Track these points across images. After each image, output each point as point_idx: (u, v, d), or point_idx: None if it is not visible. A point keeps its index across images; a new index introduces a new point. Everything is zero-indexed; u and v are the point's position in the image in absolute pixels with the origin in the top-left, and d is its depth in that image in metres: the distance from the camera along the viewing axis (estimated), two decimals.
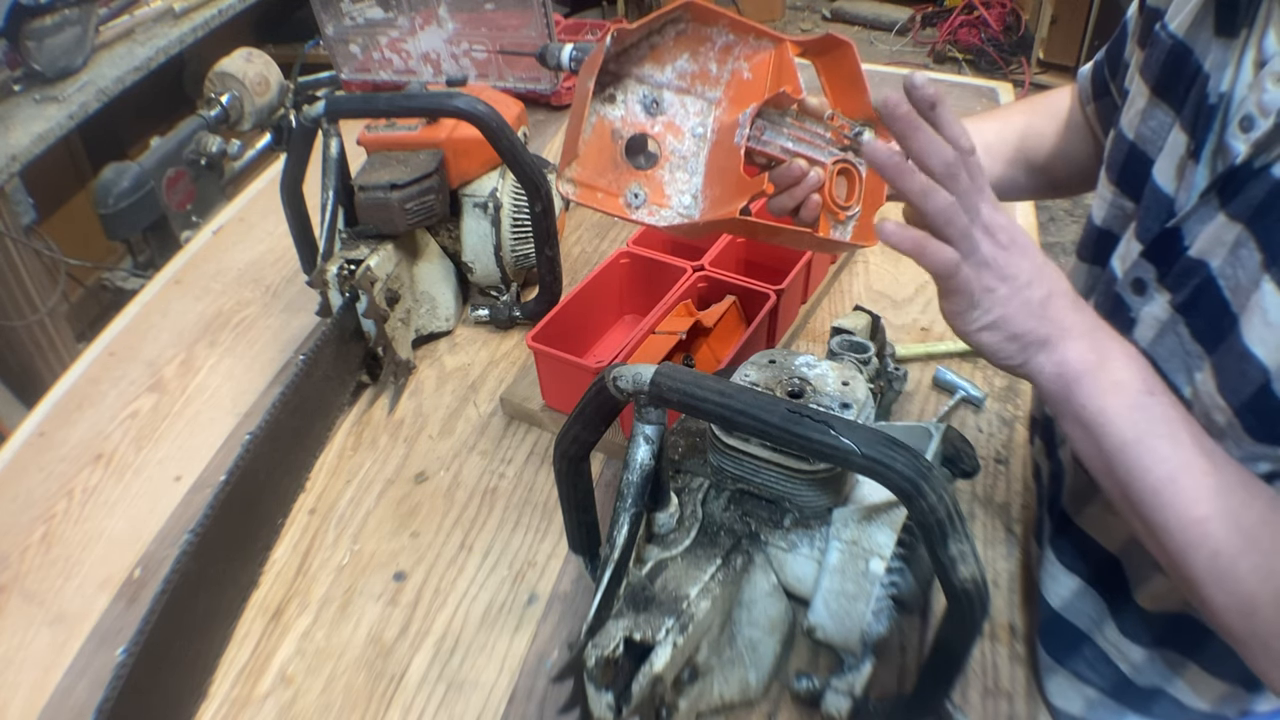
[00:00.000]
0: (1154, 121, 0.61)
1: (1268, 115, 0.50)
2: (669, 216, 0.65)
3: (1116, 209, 0.66)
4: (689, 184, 0.66)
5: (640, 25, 0.61)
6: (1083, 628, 0.67)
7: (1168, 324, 0.58)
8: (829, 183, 0.62)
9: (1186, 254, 0.55)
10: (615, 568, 0.57)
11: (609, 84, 0.64)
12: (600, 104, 0.64)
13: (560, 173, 0.63)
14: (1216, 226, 0.53)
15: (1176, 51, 0.59)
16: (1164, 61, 0.60)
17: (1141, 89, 0.62)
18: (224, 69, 1.98)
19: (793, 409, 0.49)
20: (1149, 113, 0.61)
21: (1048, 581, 0.69)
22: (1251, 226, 0.51)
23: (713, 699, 0.64)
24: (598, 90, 0.63)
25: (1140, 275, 0.60)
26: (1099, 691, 0.69)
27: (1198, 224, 0.55)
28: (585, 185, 0.63)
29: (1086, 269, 0.72)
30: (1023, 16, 3.91)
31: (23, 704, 0.74)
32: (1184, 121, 0.57)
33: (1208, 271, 0.54)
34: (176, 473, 0.94)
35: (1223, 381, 0.53)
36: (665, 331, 0.90)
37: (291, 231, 1.03)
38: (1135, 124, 0.63)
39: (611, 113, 0.65)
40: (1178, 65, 0.58)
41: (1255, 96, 0.51)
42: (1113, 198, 0.66)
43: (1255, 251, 0.50)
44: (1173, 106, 0.59)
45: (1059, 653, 0.69)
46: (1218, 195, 0.53)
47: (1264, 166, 0.50)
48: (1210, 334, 0.54)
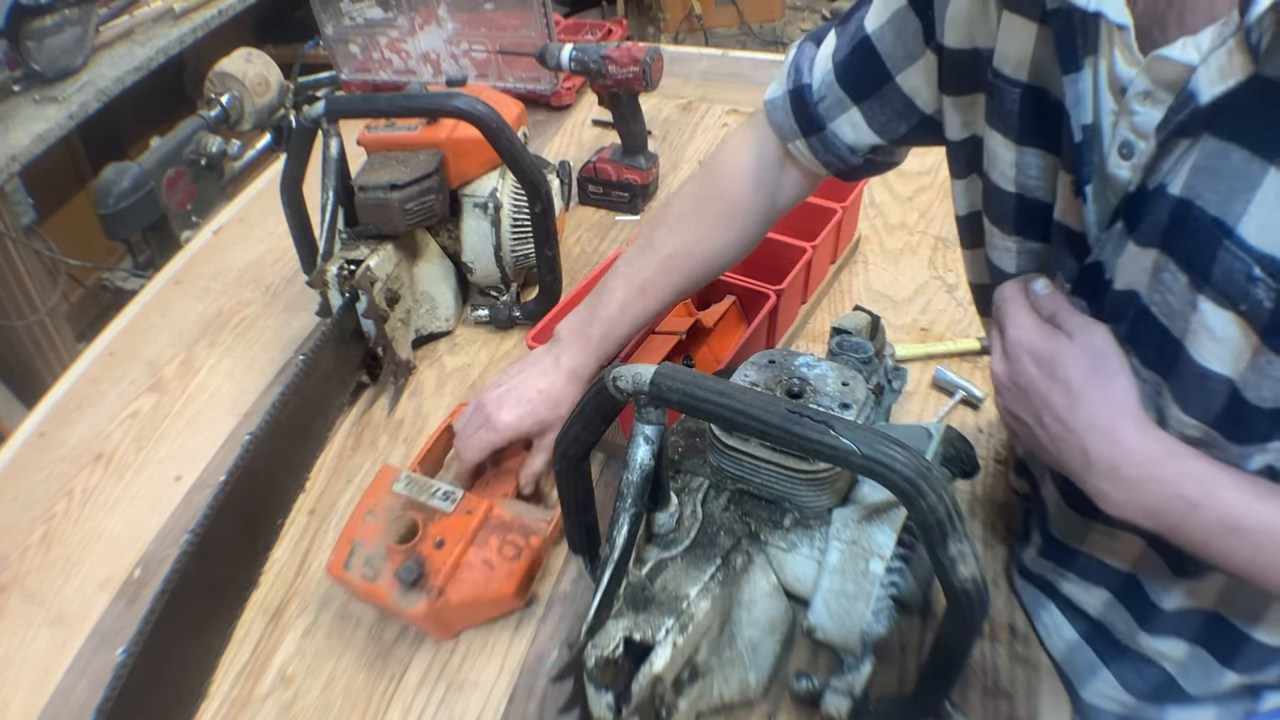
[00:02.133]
0: (1032, 170, 0.59)
1: (1145, 136, 0.48)
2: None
3: (1028, 253, 0.64)
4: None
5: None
6: (1120, 634, 0.67)
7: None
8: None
9: (1112, 287, 0.54)
10: (615, 568, 0.57)
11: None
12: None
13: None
14: (1131, 256, 0.52)
15: (1028, 96, 0.56)
16: (1020, 109, 0.57)
17: (1002, 142, 0.60)
18: (224, 69, 1.98)
19: (792, 409, 0.49)
20: (1023, 163, 0.59)
21: (1080, 594, 0.69)
22: (1167, 249, 0.49)
23: (713, 699, 0.64)
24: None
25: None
26: (1137, 696, 0.69)
27: (1114, 255, 0.54)
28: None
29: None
30: None
31: (23, 704, 0.74)
32: (1065, 161, 0.55)
33: (1138, 301, 0.53)
34: (176, 473, 0.94)
35: (1187, 404, 0.52)
36: (665, 331, 0.90)
37: (291, 231, 1.03)
38: (1012, 176, 0.60)
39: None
40: (1036, 108, 0.56)
41: (1126, 121, 0.49)
42: (1019, 245, 0.64)
43: (1178, 273, 0.49)
44: (1048, 149, 0.57)
45: (1104, 654, 0.69)
46: (1124, 223, 0.52)
47: (1158, 187, 0.49)
48: (1160, 362, 0.53)
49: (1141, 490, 0.52)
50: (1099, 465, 0.53)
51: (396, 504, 0.76)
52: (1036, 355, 0.57)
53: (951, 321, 1.06)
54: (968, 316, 1.07)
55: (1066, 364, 0.55)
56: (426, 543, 0.73)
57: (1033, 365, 0.56)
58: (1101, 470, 0.53)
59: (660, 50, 1.21)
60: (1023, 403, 0.57)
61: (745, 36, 4.17)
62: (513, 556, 0.74)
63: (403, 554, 0.72)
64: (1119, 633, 0.66)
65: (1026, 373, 0.57)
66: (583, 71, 1.22)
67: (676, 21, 4.00)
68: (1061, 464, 0.56)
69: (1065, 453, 0.55)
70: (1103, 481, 0.53)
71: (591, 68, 1.21)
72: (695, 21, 3.98)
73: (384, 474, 0.79)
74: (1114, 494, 0.53)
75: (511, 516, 0.76)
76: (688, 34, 4.03)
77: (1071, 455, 0.54)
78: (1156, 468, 0.51)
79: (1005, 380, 0.59)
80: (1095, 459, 0.53)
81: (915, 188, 1.32)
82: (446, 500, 0.75)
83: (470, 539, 0.73)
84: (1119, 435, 0.53)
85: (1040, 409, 0.56)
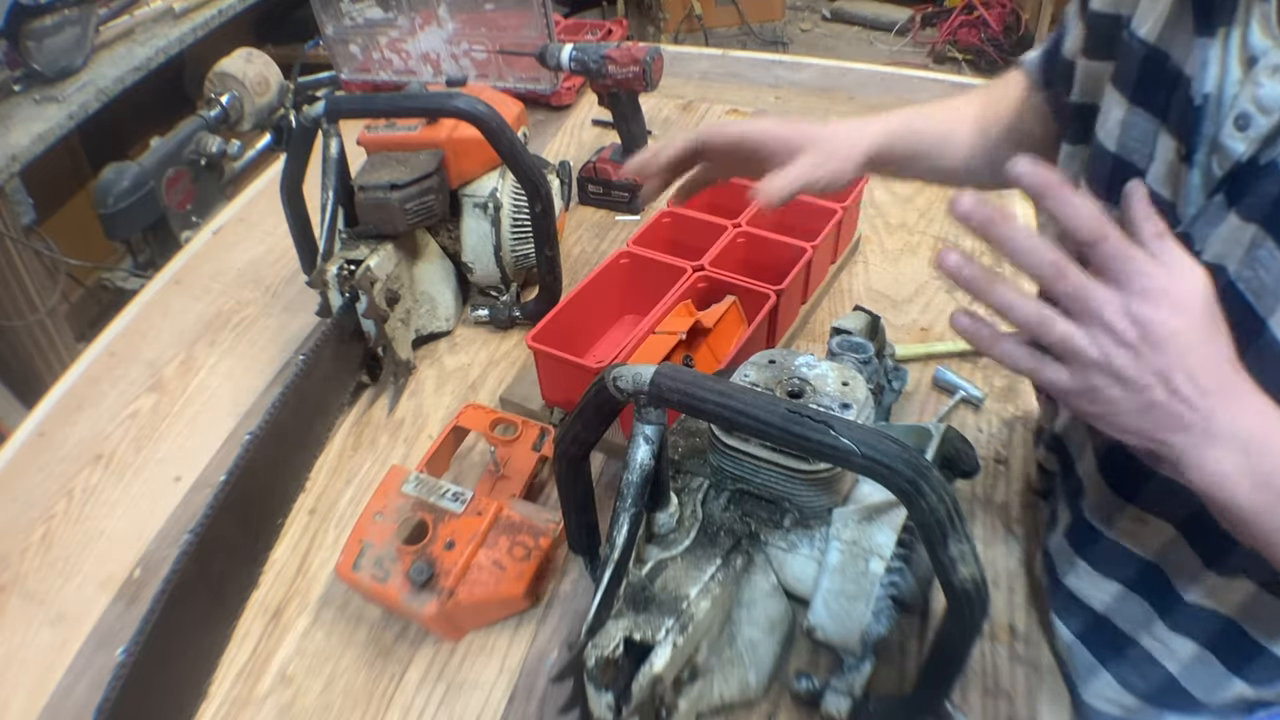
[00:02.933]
0: (1136, 131, 0.59)
1: (1268, 111, 0.49)
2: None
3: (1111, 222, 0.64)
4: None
5: None
6: (1127, 630, 0.67)
7: None
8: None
9: (1202, 259, 0.53)
10: (615, 568, 0.57)
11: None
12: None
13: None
14: (1229, 228, 0.52)
15: (1153, 58, 0.57)
16: (1139, 69, 0.58)
17: (1118, 99, 0.61)
18: (224, 69, 1.99)
19: (793, 409, 0.49)
20: (1129, 122, 0.60)
21: (1086, 588, 0.68)
22: (1268, 226, 0.49)
23: (713, 699, 0.64)
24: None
25: None
26: (1138, 696, 0.68)
27: (1207, 227, 0.53)
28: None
29: None
30: (1023, 16, 3.91)
31: (23, 704, 0.74)
32: (1170, 127, 0.56)
33: (1226, 276, 0.52)
34: (176, 473, 0.94)
35: (1263, 382, 0.49)
36: (665, 331, 0.90)
37: (291, 231, 1.03)
38: (1116, 135, 0.61)
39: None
40: (1155, 71, 0.57)
41: (1250, 93, 0.50)
42: (1105, 213, 0.65)
43: (1277, 251, 0.48)
44: (1155, 113, 0.58)
45: (1102, 654, 0.68)
46: (1225, 196, 0.52)
47: (1269, 163, 0.49)
48: (1240, 338, 0.50)
49: (1262, 458, 0.47)
50: (1223, 429, 0.47)
51: (406, 505, 0.76)
52: (1176, 298, 0.48)
53: None
54: None
55: (1199, 308, 0.48)
56: (437, 544, 0.73)
57: (1170, 310, 0.48)
58: (1225, 435, 0.47)
59: (660, 50, 1.21)
60: (1154, 359, 0.48)
61: (745, 36, 4.17)
62: (522, 557, 0.74)
63: (413, 555, 0.73)
64: (1125, 627, 0.66)
65: (1161, 317, 0.48)
66: (583, 71, 1.22)
67: (676, 21, 4.00)
68: (1165, 430, 0.48)
69: (1182, 417, 0.48)
70: (1220, 445, 0.47)
71: (591, 68, 1.21)
72: (695, 21, 3.98)
73: (393, 474, 0.79)
74: (1227, 461, 0.47)
75: (521, 517, 0.76)
76: (688, 34, 4.03)
77: (1192, 420, 0.48)
78: (1277, 437, 0.47)
79: (1124, 325, 0.48)
80: (1223, 422, 0.47)
81: (915, 188, 1.32)
82: (456, 501, 0.76)
83: (480, 540, 0.74)
84: (1248, 400, 0.48)
85: (1173, 365, 0.47)
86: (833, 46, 4.29)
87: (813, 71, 1.69)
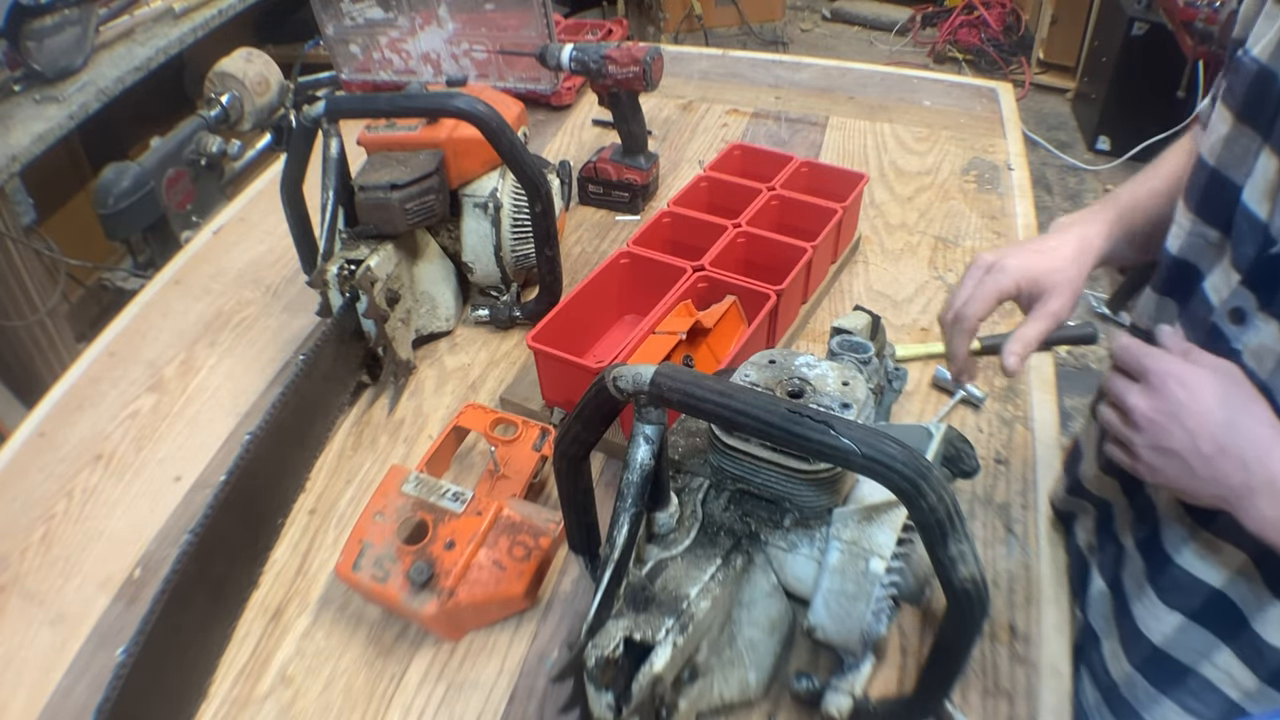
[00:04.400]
0: (1238, 147, 0.60)
1: None
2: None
3: (1196, 238, 0.64)
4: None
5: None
6: (1186, 661, 0.67)
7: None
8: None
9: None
10: (615, 568, 0.57)
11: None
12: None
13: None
14: None
15: (1262, 76, 0.57)
16: (1248, 87, 0.59)
17: (1224, 116, 0.61)
18: (224, 69, 1.98)
19: (793, 409, 0.49)
20: (1233, 139, 0.60)
21: (1148, 620, 0.68)
22: None
23: (713, 699, 0.64)
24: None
25: (1240, 305, 0.59)
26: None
27: None
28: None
29: (1158, 300, 0.71)
30: (1023, 16, 3.91)
31: (23, 704, 0.74)
32: (1274, 146, 0.56)
33: None
34: (176, 473, 0.94)
35: None
36: (665, 331, 0.90)
37: (291, 231, 1.03)
38: (1217, 150, 0.61)
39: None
40: (1263, 90, 0.57)
41: None
42: (1191, 226, 0.65)
43: None
44: (1259, 131, 0.58)
45: (1163, 685, 0.69)
46: None
47: None
48: None
49: None
50: (1258, 478, 0.53)
51: (406, 505, 0.76)
52: (1184, 379, 0.57)
53: None
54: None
55: (1215, 385, 0.56)
56: (437, 544, 0.73)
57: (1180, 389, 0.57)
58: (1260, 484, 0.53)
59: (660, 50, 1.21)
60: (1173, 431, 0.57)
61: (745, 36, 4.17)
62: (523, 557, 0.74)
63: (413, 555, 0.73)
64: (1186, 659, 0.66)
65: (1175, 397, 0.57)
66: (583, 71, 1.22)
67: (676, 21, 4.00)
68: (1214, 486, 0.56)
69: (1223, 472, 0.55)
70: (1260, 496, 0.53)
71: (592, 68, 1.21)
72: (695, 21, 3.98)
73: (393, 474, 0.79)
74: (1267, 510, 0.53)
75: (521, 517, 0.76)
76: (688, 34, 4.03)
77: (1229, 474, 0.55)
78: None
79: (1149, 412, 0.59)
80: (1256, 473, 0.53)
81: (915, 188, 1.32)
82: (456, 501, 0.76)
83: (480, 540, 0.74)
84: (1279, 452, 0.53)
85: (1196, 431, 0.56)
86: (833, 46, 4.29)
87: (813, 71, 1.69)
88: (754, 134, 1.49)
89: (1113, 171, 3.18)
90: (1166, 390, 0.58)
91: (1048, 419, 0.94)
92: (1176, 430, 0.57)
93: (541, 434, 0.87)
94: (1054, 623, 0.76)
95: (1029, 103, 3.70)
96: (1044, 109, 3.69)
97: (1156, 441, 0.58)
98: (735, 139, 1.43)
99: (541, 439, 0.86)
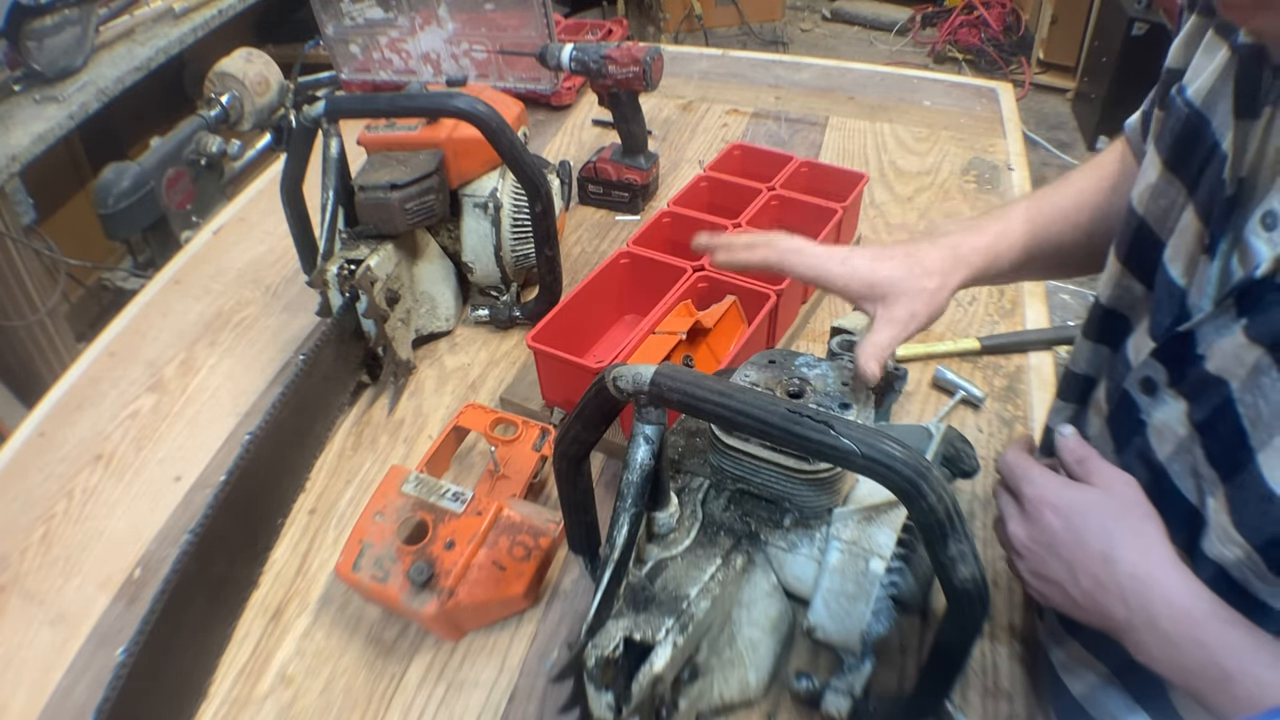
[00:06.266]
0: (1164, 200, 0.55)
1: None
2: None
3: (1123, 289, 0.61)
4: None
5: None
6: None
7: (1185, 441, 0.53)
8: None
9: (1203, 365, 0.50)
10: (615, 568, 0.57)
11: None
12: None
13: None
14: (1234, 344, 0.47)
15: (1192, 122, 0.53)
16: (1179, 132, 0.54)
17: (1154, 160, 0.57)
18: (224, 69, 1.98)
19: (793, 409, 0.49)
20: (1160, 188, 0.56)
21: (1066, 677, 0.67)
22: (1275, 354, 0.45)
23: (713, 699, 0.64)
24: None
25: (1150, 375, 0.55)
26: None
27: (1214, 334, 0.49)
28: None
29: (1091, 348, 0.67)
30: (1023, 16, 3.91)
31: (23, 704, 0.74)
32: (1198, 205, 0.52)
33: (1227, 392, 0.48)
34: (176, 473, 0.94)
35: (1239, 518, 0.48)
36: (665, 331, 0.90)
37: (291, 231, 1.03)
38: (1145, 199, 0.57)
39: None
40: (1193, 138, 0.53)
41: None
42: (1119, 277, 0.61)
43: (1279, 383, 0.45)
44: (1185, 184, 0.54)
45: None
46: (1235, 305, 0.47)
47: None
48: (1226, 462, 0.49)
49: (1178, 649, 0.49)
50: (1138, 617, 0.51)
51: (406, 505, 0.76)
52: (1060, 508, 0.55)
53: (951, 321, 1.06)
54: (968, 316, 1.07)
55: (1097, 513, 0.53)
56: (437, 544, 0.73)
57: (1057, 520, 0.55)
58: (1141, 622, 0.51)
59: (660, 50, 1.21)
60: (1051, 562, 0.55)
61: (745, 36, 4.17)
62: (523, 557, 0.74)
63: (413, 555, 0.73)
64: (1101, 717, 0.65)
65: (1051, 529, 0.55)
66: (583, 71, 1.22)
67: (676, 21, 4.00)
68: (1098, 619, 0.53)
69: (1103, 606, 0.52)
70: (1142, 634, 0.51)
71: (592, 68, 1.21)
72: (695, 21, 3.98)
73: (393, 474, 0.79)
74: (1152, 647, 0.50)
75: (521, 517, 0.76)
76: (688, 34, 4.03)
77: (1110, 608, 0.52)
78: (1198, 629, 0.49)
79: (1027, 542, 0.57)
80: (1135, 609, 0.51)
81: (915, 188, 1.32)
82: (456, 501, 0.76)
83: (480, 540, 0.74)
84: (1162, 586, 0.50)
85: (1072, 564, 0.53)
86: (833, 46, 4.29)
87: (813, 71, 1.69)
88: (754, 134, 1.49)
89: None
90: (1043, 520, 0.55)
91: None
92: (1053, 561, 0.55)
93: (541, 434, 0.87)
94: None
95: (1029, 103, 3.70)
96: (1044, 109, 3.69)
97: (1035, 569, 0.56)
98: (735, 139, 1.42)
99: (541, 439, 0.86)
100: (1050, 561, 0.55)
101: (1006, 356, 1.01)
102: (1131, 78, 3.07)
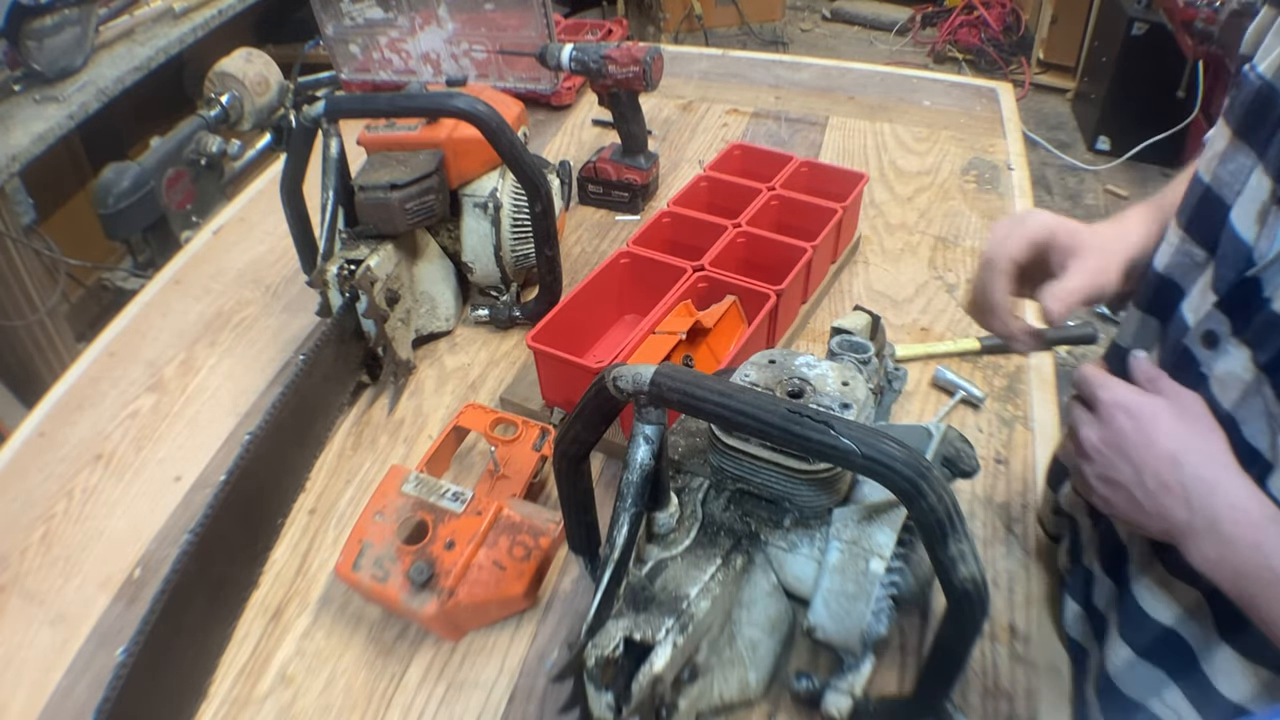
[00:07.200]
0: (1233, 165, 0.58)
1: None
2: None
3: (1183, 255, 0.63)
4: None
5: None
6: (1135, 697, 0.66)
7: (1252, 385, 0.54)
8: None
9: (1269, 307, 0.52)
10: (615, 568, 0.57)
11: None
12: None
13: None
14: None
15: (1263, 93, 0.56)
16: (1249, 103, 0.57)
17: (1223, 131, 0.60)
18: (224, 69, 1.98)
19: (793, 409, 0.49)
20: (1229, 155, 0.59)
21: (1106, 649, 0.67)
22: None
23: (713, 699, 0.64)
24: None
25: (1213, 328, 0.57)
26: None
27: (1279, 275, 0.52)
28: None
29: (1141, 318, 0.69)
30: (1023, 16, 3.91)
31: (23, 704, 0.74)
32: (1268, 165, 0.55)
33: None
34: (176, 473, 0.94)
35: None
36: (665, 331, 0.90)
37: (291, 231, 1.03)
38: (1213, 167, 0.60)
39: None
40: (1263, 107, 0.56)
41: None
42: (1179, 243, 0.63)
43: None
44: (1255, 149, 0.57)
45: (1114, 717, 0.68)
46: None
47: None
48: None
49: (1235, 552, 0.51)
50: (1200, 519, 0.52)
51: (406, 505, 0.76)
52: (1133, 411, 0.57)
53: (951, 321, 1.06)
54: (968, 317, 1.07)
55: (1166, 418, 0.55)
56: (437, 543, 0.73)
57: (1129, 421, 0.56)
58: (1202, 525, 0.52)
59: (660, 50, 1.21)
60: (1119, 464, 0.57)
61: (745, 36, 4.17)
62: (523, 557, 0.74)
63: (413, 555, 0.73)
64: (1134, 694, 0.65)
65: (1122, 430, 0.57)
66: (583, 71, 1.22)
67: (676, 21, 4.00)
68: (1160, 521, 0.55)
69: (1166, 509, 0.54)
70: (1201, 537, 0.53)
71: (591, 68, 1.21)
72: (695, 21, 3.98)
73: (393, 474, 0.79)
74: (1208, 550, 0.52)
75: (521, 517, 0.76)
76: (688, 34, 4.03)
77: (1173, 510, 0.54)
78: (1256, 531, 0.51)
79: (1098, 443, 0.58)
80: (1198, 510, 0.53)
81: (915, 188, 1.32)
82: (456, 501, 0.76)
83: (480, 540, 0.74)
84: (1225, 489, 0.52)
85: (1140, 466, 0.55)
86: (833, 46, 4.29)
87: (813, 71, 1.69)
88: (754, 134, 1.49)
89: (1112, 171, 3.18)
90: (1115, 422, 0.57)
91: (1048, 419, 0.94)
92: (1121, 463, 0.56)
93: (541, 434, 0.87)
94: (1054, 622, 0.76)
95: (1029, 103, 3.70)
96: (1044, 109, 3.69)
97: (1104, 473, 0.58)
98: (735, 139, 1.42)
99: (541, 439, 0.86)
100: (1118, 464, 0.57)
101: (1006, 356, 1.01)
102: (1131, 78, 3.07)
